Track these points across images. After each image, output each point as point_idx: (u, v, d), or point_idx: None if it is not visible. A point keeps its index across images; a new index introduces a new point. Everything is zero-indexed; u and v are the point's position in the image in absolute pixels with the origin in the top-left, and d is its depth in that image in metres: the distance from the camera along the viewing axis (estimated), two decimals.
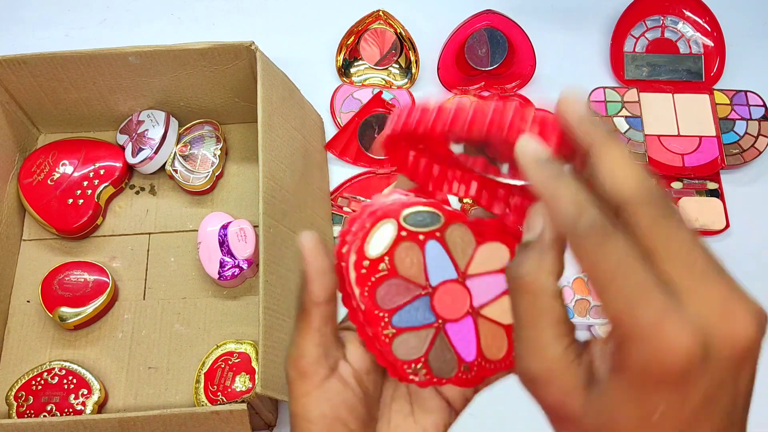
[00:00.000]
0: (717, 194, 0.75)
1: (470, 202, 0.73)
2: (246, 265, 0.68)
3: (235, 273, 0.68)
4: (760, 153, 0.76)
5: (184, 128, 0.77)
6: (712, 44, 0.81)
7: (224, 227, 0.69)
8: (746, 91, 0.80)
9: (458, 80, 0.81)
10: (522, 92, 0.81)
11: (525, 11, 0.82)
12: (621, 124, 0.77)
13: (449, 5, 0.86)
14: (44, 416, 0.63)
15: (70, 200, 0.72)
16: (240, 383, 0.64)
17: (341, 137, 0.76)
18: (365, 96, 0.80)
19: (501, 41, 0.78)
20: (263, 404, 0.59)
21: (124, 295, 0.70)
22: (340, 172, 0.77)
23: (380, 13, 0.79)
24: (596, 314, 0.66)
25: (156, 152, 0.73)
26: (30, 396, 0.64)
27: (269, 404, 0.61)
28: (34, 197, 0.72)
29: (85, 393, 0.64)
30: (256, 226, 0.66)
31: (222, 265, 0.68)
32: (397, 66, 0.82)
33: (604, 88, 0.80)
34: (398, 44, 0.81)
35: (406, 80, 0.82)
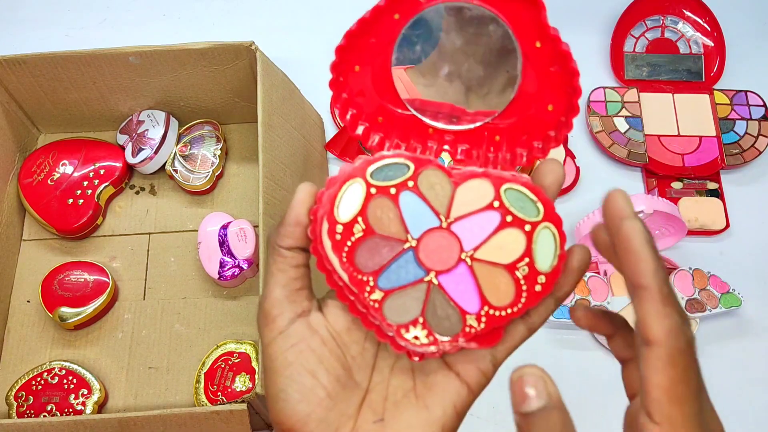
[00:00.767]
0: (717, 194, 0.75)
1: None
2: (246, 265, 0.68)
3: (235, 273, 0.68)
4: (760, 153, 0.76)
5: (184, 128, 0.77)
6: (712, 44, 0.81)
7: (224, 227, 0.69)
8: (746, 91, 0.80)
9: None
10: None
11: None
12: (621, 124, 0.78)
13: None
14: (44, 416, 0.63)
15: (70, 200, 0.72)
16: (240, 383, 0.64)
17: (341, 137, 0.76)
18: None
19: None
20: (263, 404, 0.59)
21: (124, 295, 0.70)
22: None
23: None
24: None
25: (156, 152, 0.73)
26: (30, 396, 0.64)
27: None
28: (34, 197, 0.72)
29: (85, 393, 0.64)
30: (256, 226, 0.66)
31: (222, 265, 0.68)
32: None
33: (604, 88, 0.80)
34: None
35: None
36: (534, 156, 0.33)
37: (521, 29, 0.31)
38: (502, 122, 0.33)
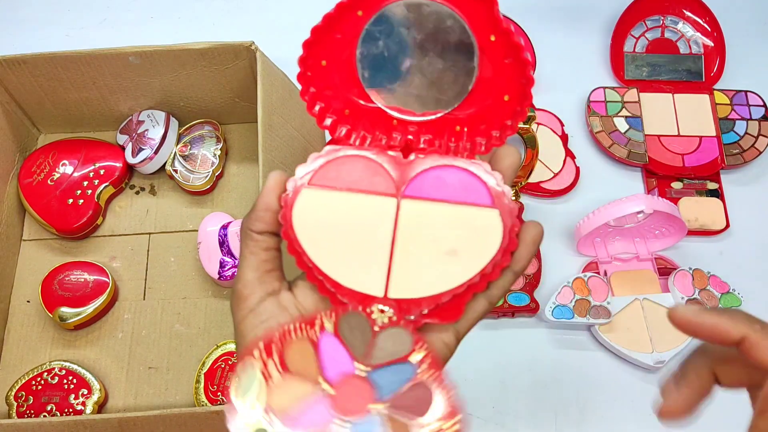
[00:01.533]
0: (717, 194, 0.75)
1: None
2: (236, 274, 0.68)
3: (235, 273, 0.68)
4: (760, 153, 0.76)
5: (184, 128, 0.77)
6: (712, 44, 0.81)
7: (224, 227, 0.69)
8: (746, 91, 0.80)
9: None
10: None
11: (525, 11, 0.82)
12: (621, 124, 0.78)
13: None
14: (44, 416, 0.63)
15: (70, 200, 0.72)
16: None
17: None
18: None
19: None
20: None
21: (124, 295, 0.70)
22: None
23: None
24: (596, 314, 0.66)
25: (156, 152, 0.73)
26: (30, 396, 0.64)
27: None
28: (34, 197, 0.72)
29: (85, 393, 0.64)
30: None
31: (222, 265, 0.68)
32: None
33: (604, 88, 0.80)
34: None
35: None
36: (492, 144, 0.35)
37: (477, 24, 0.33)
38: (462, 113, 0.35)
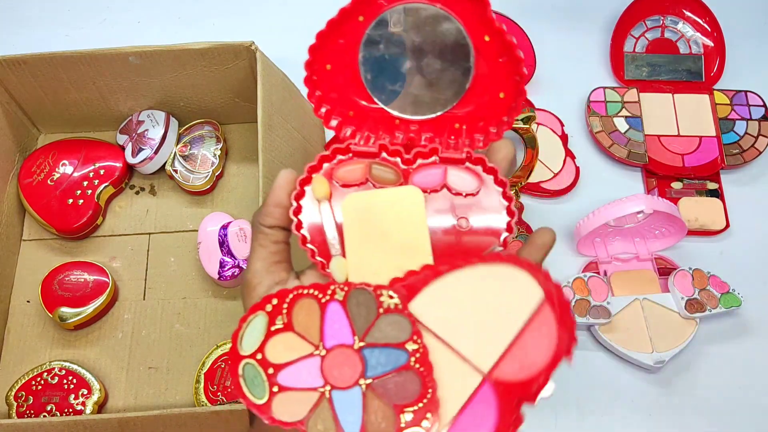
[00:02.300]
0: (717, 194, 0.75)
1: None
2: (246, 265, 0.68)
3: (235, 273, 0.68)
4: (760, 153, 0.76)
5: (184, 128, 0.77)
6: (712, 44, 0.81)
7: (224, 227, 0.69)
8: (746, 91, 0.80)
9: None
10: None
11: (525, 11, 0.82)
12: (621, 124, 0.78)
13: None
14: (44, 416, 0.63)
15: (70, 200, 0.72)
16: None
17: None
18: None
19: None
20: None
21: (124, 295, 0.70)
22: None
23: None
24: (596, 314, 0.66)
25: (156, 152, 0.73)
26: (30, 396, 0.64)
27: None
28: (34, 197, 0.72)
29: (85, 393, 0.64)
30: None
31: (222, 265, 0.68)
32: None
33: (604, 88, 0.80)
34: None
35: None
36: (490, 139, 0.36)
37: (471, 25, 0.34)
38: (460, 111, 0.36)
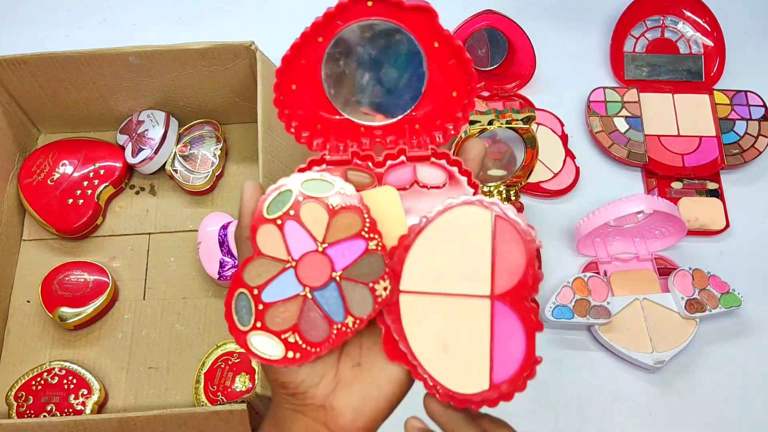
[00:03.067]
0: (717, 194, 0.75)
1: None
2: None
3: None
4: (760, 153, 0.76)
5: (184, 128, 0.77)
6: (712, 44, 0.81)
7: (224, 227, 0.69)
8: (746, 91, 0.80)
9: None
10: (522, 92, 0.81)
11: (525, 11, 0.82)
12: (621, 124, 0.78)
13: (449, 5, 0.86)
14: (44, 416, 0.63)
15: (70, 200, 0.72)
16: (240, 383, 0.64)
17: None
18: None
19: (501, 41, 0.78)
20: (263, 404, 0.59)
21: (124, 295, 0.70)
22: None
23: None
24: (596, 314, 0.66)
25: (156, 152, 0.73)
26: (30, 396, 0.64)
27: (269, 404, 0.61)
28: (34, 197, 0.72)
29: (85, 393, 0.64)
30: None
31: (222, 265, 0.68)
32: None
33: (604, 88, 0.80)
34: None
35: None
36: (448, 135, 0.39)
37: (421, 34, 0.37)
38: (419, 112, 0.39)
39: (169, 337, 0.68)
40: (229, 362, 0.65)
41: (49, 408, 0.63)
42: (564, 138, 0.78)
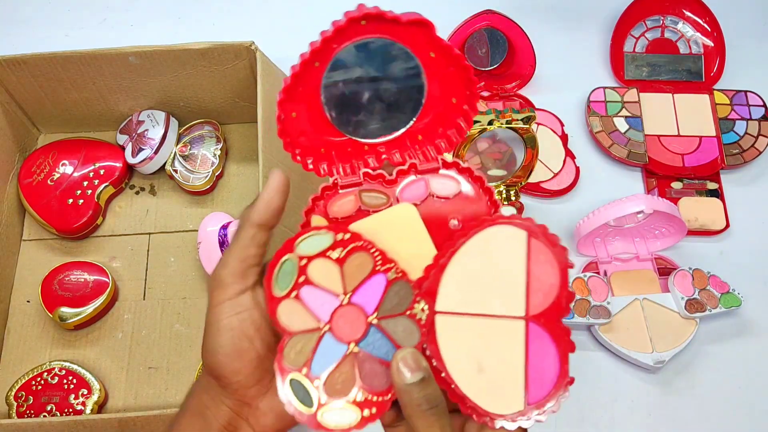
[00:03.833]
0: (717, 194, 0.75)
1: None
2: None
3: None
4: (760, 153, 0.76)
5: (184, 128, 0.77)
6: (712, 44, 0.81)
7: (224, 227, 0.69)
8: (746, 91, 0.80)
9: None
10: (522, 92, 0.81)
11: (525, 11, 0.82)
12: (621, 124, 0.78)
13: (449, 5, 0.86)
14: (44, 416, 0.63)
15: (70, 200, 0.72)
16: None
17: None
18: None
19: (501, 41, 0.78)
20: None
21: (124, 295, 0.70)
22: None
23: None
24: (596, 314, 0.66)
25: (156, 152, 0.73)
26: (30, 396, 0.64)
27: None
28: (34, 197, 0.72)
29: (85, 393, 0.64)
30: None
31: None
32: None
33: (604, 88, 0.80)
34: None
35: None
36: (452, 143, 0.39)
37: (418, 46, 0.36)
38: (420, 123, 0.39)
39: (169, 337, 0.68)
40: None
41: (49, 408, 0.63)
42: (564, 138, 0.78)
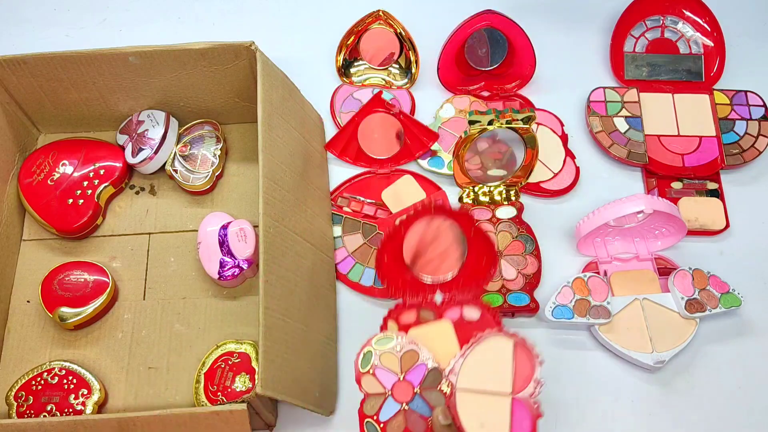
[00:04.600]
0: (717, 194, 0.75)
1: (470, 202, 0.74)
2: (246, 265, 0.68)
3: (235, 273, 0.68)
4: (760, 153, 0.76)
5: (184, 128, 0.77)
6: (712, 44, 0.81)
7: (224, 227, 0.69)
8: (746, 91, 0.80)
9: (458, 80, 0.81)
10: (522, 92, 0.81)
11: (525, 11, 0.82)
12: (621, 124, 0.78)
13: (449, 5, 0.86)
14: (44, 416, 0.63)
15: (70, 200, 0.72)
16: (240, 383, 0.64)
17: (341, 137, 0.76)
18: (365, 96, 0.80)
19: (501, 41, 0.78)
20: (263, 404, 0.59)
21: (124, 295, 0.71)
22: (340, 172, 0.77)
23: (380, 14, 0.79)
24: (596, 314, 0.66)
25: (156, 152, 0.73)
26: (30, 396, 0.64)
27: (269, 404, 0.61)
28: (34, 197, 0.72)
29: (85, 393, 0.64)
30: (256, 226, 0.66)
31: (222, 265, 0.68)
32: (397, 66, 0.82)
33: (604, 88, 0.80)
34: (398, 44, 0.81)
35: (406, 80, 0.82)
36: (479, 291, 0.61)
37: (464, 227, 0.58)
38: (461, 275, 0.61)
39: (169, 337, 0.68)
40: (229, 362, 0.65)
41: (49, 408, 0.63)
42: (564, 138, 0.78)
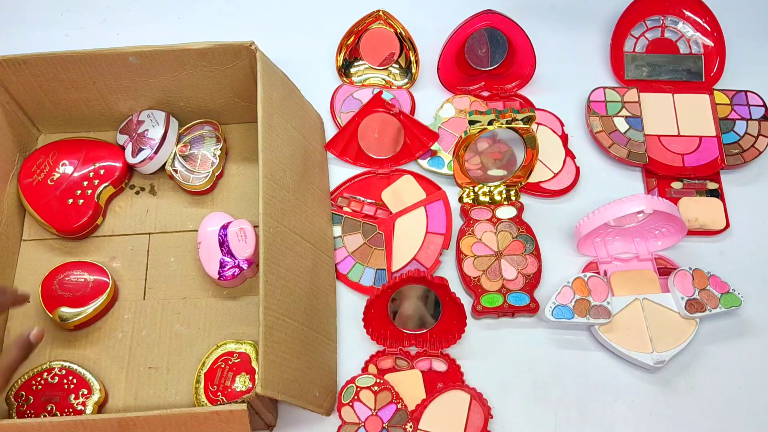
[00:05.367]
0: (717, 194, 0.75)
1: (470, 202, 0.74)
2: (246, 265, 0.68)
3: (235, 273, 0.68)
4: (760, 153, 0.76)
5: (184, 128, 0.77)
6: (712, 44, 0.81)
7: (224, 227, 0.69)
8: (746, 91, 0.80)
9: (458, 80, 0.81)
10: (522, 92, 0.81)
11: (525, 11, 0.82)
12: (621, 124, 0.78)
13: (449, 5, 0.86)
14: (44, 416, 0.63)
15: (70, 200, 0.72)
16: (240, 383, 0.64)
17: (341, 137, 0.76)
18: (365, 96, 0.80)
19: (501, 41, 0.78)
20: (263, 404, 0.59)
21: (124, 295, 0.71)
22: (340, 172, 0.77)
23: (380, 13, 0.79)
24: (596, 314, 0.66)
25: (156, 152, 0.73)
26: (30, 396, 0.64)
27: (269, 404, 0.61)
28: (34, 197, 0.72)
29: (85, 393, 0.64)
30: (256, 226, 0.66)
31: (222, 265, 0.68)
32: (397, 66, 0.82)
33: (604, 88, 0.80)
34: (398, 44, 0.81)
35: (406, 80, 0.82)
36: (450, 343, 0.68)
37: (440, 293, 0.65)
38: (436, 329, 0.68)
39: (169, 337, 0.68)
40: (229, 362, 0.65)
41: (49, 408, 0.63)
42: (564, 138, 0.78)
